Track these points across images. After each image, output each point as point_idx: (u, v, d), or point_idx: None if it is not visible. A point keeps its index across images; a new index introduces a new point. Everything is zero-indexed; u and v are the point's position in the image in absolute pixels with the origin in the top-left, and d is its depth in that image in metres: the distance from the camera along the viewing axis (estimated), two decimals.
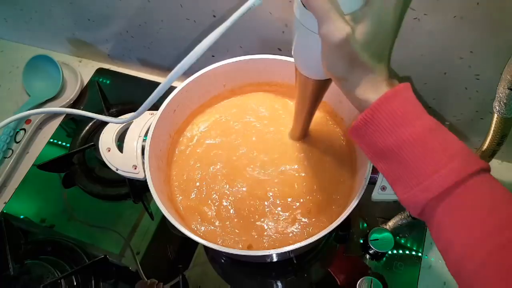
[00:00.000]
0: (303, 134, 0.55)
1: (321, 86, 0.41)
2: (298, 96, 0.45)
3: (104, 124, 0.63)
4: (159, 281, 0.56)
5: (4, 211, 0.67)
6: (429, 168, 0.30)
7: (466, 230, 0.29)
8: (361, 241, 0.58)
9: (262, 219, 0.51)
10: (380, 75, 0.31)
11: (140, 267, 0.59)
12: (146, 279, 0.57)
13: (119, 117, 0.49)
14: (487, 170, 0.31)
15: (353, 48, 0.29)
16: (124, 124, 0.59)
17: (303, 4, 0.31)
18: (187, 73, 0.57)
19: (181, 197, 0.54)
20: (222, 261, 0.60)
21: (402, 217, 0.59)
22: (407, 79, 0.57)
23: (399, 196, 0.32)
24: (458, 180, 0.29)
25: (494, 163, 0.60)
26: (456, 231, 0.29)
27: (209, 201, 0.53)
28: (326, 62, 0.32)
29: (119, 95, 0.77)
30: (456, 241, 0.29)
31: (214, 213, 0.52)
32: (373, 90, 0.31)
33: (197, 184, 0.55)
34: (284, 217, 0.51)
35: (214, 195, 0.54)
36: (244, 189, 0.54)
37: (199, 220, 0.52)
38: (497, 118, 0.48)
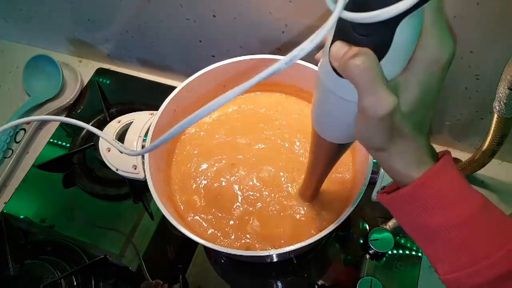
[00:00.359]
0: (314, 195, 0.51)
1: (342, 149, 0.37)
2: (313, 157, 0.41)
3: (104, 124, 0.63)
4: (164, 282, 0.56)
5: (4, 211, 0.67)
6: (480, 251, 0.27)
7: None
8: (361, 241, 0.58)
9: (256, 217, 0.51)
10: (422, 146, 0.28)
11: (144, 266, 0.59)
12: (150, 279, 0.57)
13: (129, 149, 0.49)
14: None
15: (397, 120, 0.26)
16: (124, 124, 0.59)
17: (334, 71, 0.26)
18: (188, 73, 0.57)
19: (180, 197, 0.54)
20: (222, 261, 0.60)
21: None
22: None
23: (440, 275, 0.29)
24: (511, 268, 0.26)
25: (494, 163, 0.60)
26: None
27: (208, 198, 0.53)
28: (362, 134, 0.28)
29: (119, 95, 0.77)
30: None
31: (218, 213, 0.52)
32: (416, 164, 0.28)
33: (197, 182, 0.55)
34: (280, 215, 0.51)
35: (214, 191, 0.54)
36: (242, 187, 0.54)
37: (199, 218, 0.52)
38: (497, 118, 0.48)
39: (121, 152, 0.48)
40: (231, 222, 0.52)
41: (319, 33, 0.22)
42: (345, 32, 0.25)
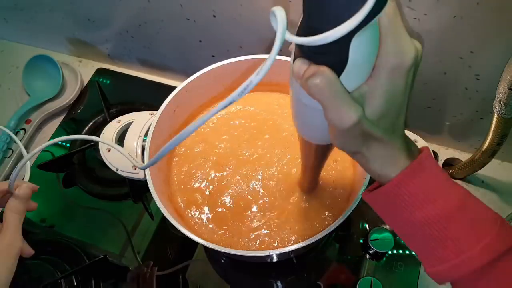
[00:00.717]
0: (312, 187, 0.52)
1: (326, 149, 0.38)
2: (302, 156, 0.42)
3: (104, 124, 0.63)
4: (154, 265, 0.56)
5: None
6: (460, 245, 0.28)
7: None
8: (361, 241, 0.58)
9: (257, 217, 0.51)
10: (397, 146, 0.29)
11: (134, 250, 0.59)
12: (141, 262, 0.57)
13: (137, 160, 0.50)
14: None
15: (365, 127, 0.26)
16: (124, 124, 0.59)
17: None
18: (188, 73, 0.57)
19: (180, 197, 0.54)
20: (222, 261, 0.60)
21: None
22: None
23: (425, 268, 0.31)
24: (493, 258, 0.27)
25: (494, 163, 0.60)
26: None
27: (208, 198, 0.53)
28: (335, 141, 0.29)
29: (119, 95, 0.77)
30: None
31: (218, 213, 0.52)
32: (392, 164, 0.29)
33: (197, 182, 0.55)
34: (281, 214, 0.51)
35: (214, 191, 0.54)
36: (243, 186, 0.54)
37: (199, 218, 0.52)
38: (497, 118, 0.48)
39: (133, 165, 0.49)
40: (231, 221, 0.52)
41: (264, 65, 0.23)
42: (303, 50, 0.25)
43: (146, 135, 0.54)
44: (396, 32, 0.25)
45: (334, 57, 0.24)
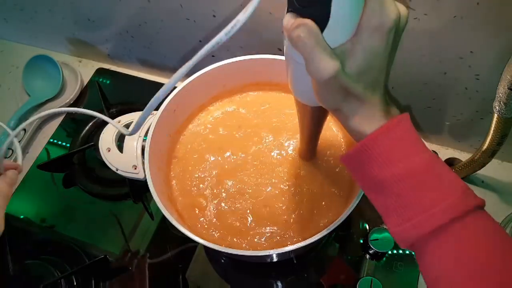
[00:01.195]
0: (311, 156, 0.53)
1: (321, 113, 0.39)
2: (299, 121, 0.43)
3: (104, 124, 0.63)
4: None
5: (4, 211, 0.67)
6: (424, 204, 0.29)
7: (454, 269, 0.28)
8: (361, 241, 0.58)
9: (256, 217, 0.51)
10: (375, 105, 0.30)
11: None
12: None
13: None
14: (482, 206, 0.30)
15: (343, 82, 0.28)
16: (124, 124, 0.59)
17: None
18: (187, 73, 0.57)
19: (180, 197, 0.54)
20: (222, 261, 0.60)
21: None
22: (407, 79, 0.57)
23: (389, 228, 0.32)
24: (452, 217, 0.28)
25: (494, 163, 0.60)
26: (444, 269, 0.29)
27: (207, 198, 0.53)
28: (318, 95, 0.31)
29: (119, 95, 0.77)
30: (442, 280, 0.29)
31: (218, 213, 0.52)
32: (369, 121, 0.30)
33: (197, 182, 0.55)
34: (283, 214, 0.51)
35: (214, 191, 0.54)
36: (242, 185, 0.54)
37: (199, 218, 0.52)
38: (497, 118, 0.48)
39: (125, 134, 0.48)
40: (231, 221, 0.52)
41: (252, 3, 0.25)
42: (291, 4, 0.27)
43: (146, 135, 0.54)
44: None
45: (317, 11, 0.26)
